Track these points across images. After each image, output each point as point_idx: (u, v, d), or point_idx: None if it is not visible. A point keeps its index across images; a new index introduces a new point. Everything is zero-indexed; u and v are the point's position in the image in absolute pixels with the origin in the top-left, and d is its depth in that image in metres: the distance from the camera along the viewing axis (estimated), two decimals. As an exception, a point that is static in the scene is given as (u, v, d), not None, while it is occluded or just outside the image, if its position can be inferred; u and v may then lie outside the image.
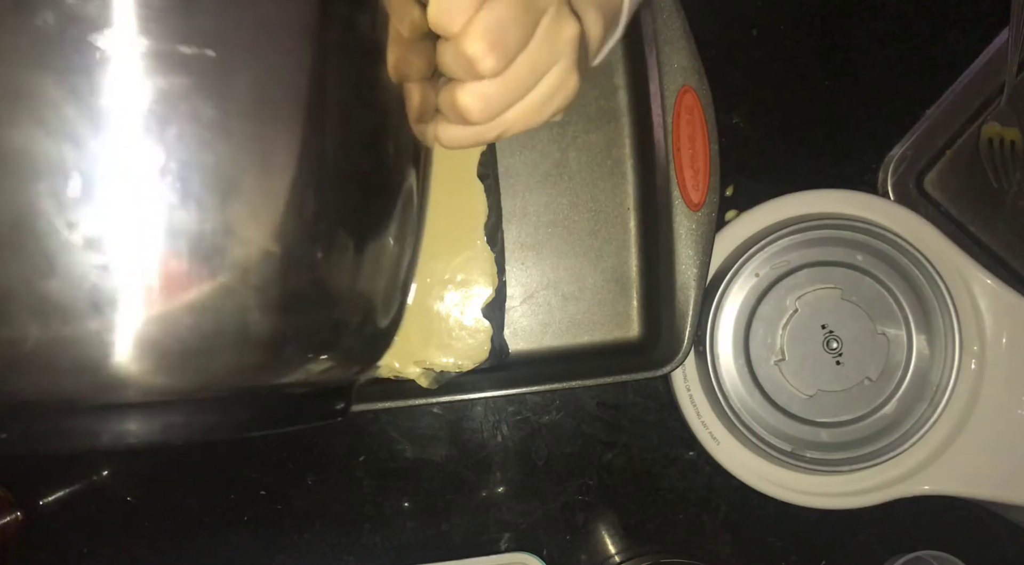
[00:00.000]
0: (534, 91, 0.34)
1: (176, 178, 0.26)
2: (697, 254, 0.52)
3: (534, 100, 0.35)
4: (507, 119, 0.35)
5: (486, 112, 0.34)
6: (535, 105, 0.35)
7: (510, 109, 0.35)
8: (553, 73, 0.34)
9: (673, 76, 0.52)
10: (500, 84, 0.33)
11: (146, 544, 0.60)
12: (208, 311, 0.27)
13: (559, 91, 0.35)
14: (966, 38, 0.60)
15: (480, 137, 0.36)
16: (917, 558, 0.58)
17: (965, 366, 0.55)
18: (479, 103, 0.33)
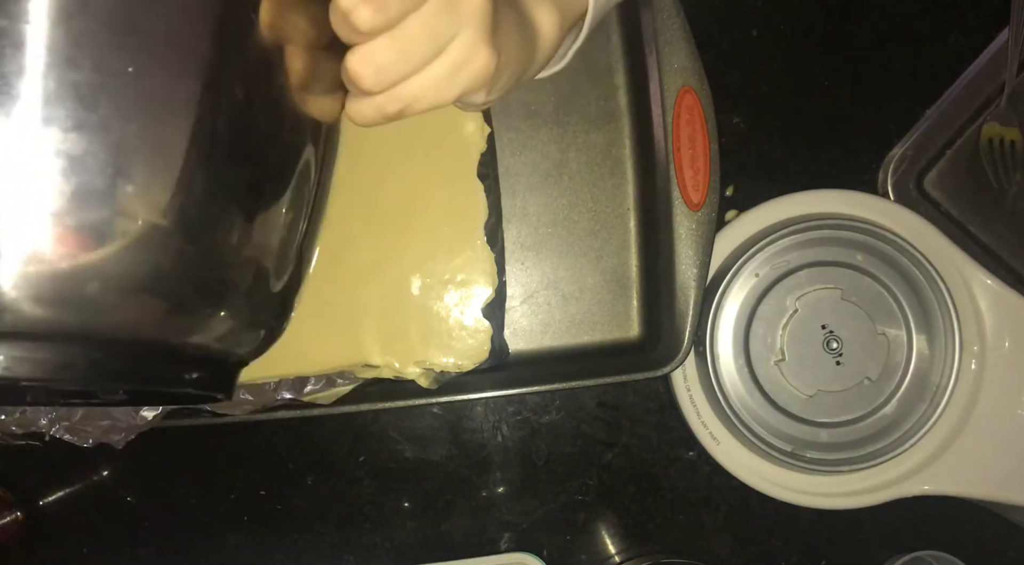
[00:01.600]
0: (436, 62, 0.33)
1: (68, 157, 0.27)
2: (697, 254, 0.52)
3: (436, 72, 0.33)
4: (408, 91, 0.33)
5: (378, 78, 0.32)
6: (437, 78, 0.33)
7: (410, 80, 0.33)
8: (457, 44, 0.33)
9: (673, 76, 0.52)
10: (390, 47, 0.31)
11: (146, 544, 0.60)
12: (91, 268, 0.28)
13: (466, 65, 0.33)
14: (966, 38, 0.60)
15: (381, 110, 0.34)
16: (917, 558, 0.58)
17: (965, 366, 0.55)
18: (368, 67, 0.32)
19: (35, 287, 0.27)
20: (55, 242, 0.27)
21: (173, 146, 0.29)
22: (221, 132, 0.31)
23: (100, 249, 0.28)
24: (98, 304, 0.29)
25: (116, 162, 0.28)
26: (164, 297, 0.30)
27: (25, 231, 0.27)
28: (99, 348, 0.29)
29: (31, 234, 0.27)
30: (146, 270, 0.29)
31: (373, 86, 0.32)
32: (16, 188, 0.27)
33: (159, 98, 0.29)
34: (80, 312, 0.28)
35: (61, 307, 0.28)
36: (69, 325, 0.29)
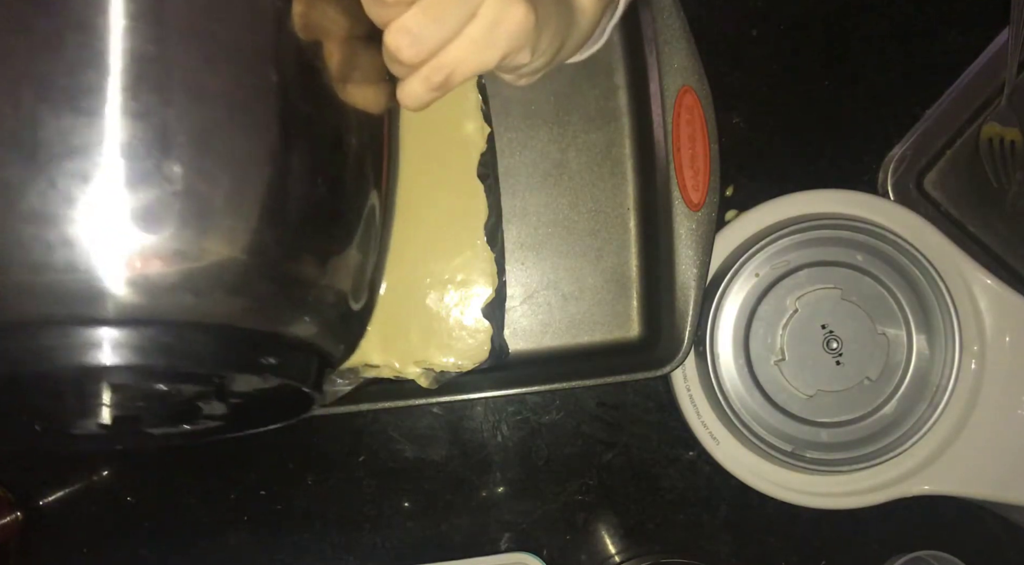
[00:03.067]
0: (472, 24, 0.33)
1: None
2: (697, 254, 0.52)
3: (473, 33, 0.33)
4: (450, 57, 0.33)
5: (416, 47, 0.32)
6: (476, 39, 0.33)
7: (449, 46, 0.33)
8: (489, 2, 0.33)
9: (673, 76, 0.52)
10: (422, 14, 0.32)
11: (146, 544, 0.60)
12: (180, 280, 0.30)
13: (501, 23, 0.33)
14: (966, 38, 0.60)
15: (428, 82, 0.34)
16: (917, 558, 0.58)
17: (965, 366, 0.55)
18: (405, 38, 0.32)
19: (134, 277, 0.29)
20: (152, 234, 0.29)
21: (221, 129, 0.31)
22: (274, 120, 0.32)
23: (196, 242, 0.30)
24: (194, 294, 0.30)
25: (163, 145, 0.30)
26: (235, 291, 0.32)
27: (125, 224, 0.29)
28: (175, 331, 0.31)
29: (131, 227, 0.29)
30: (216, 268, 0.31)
31: (413, 56, 0.33)
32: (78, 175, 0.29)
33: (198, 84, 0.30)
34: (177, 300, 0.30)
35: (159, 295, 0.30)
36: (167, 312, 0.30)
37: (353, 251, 0.36)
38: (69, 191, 0.28)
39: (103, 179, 0.29)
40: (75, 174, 0.29)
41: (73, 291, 0.29)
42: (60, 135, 0.28)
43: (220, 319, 0.31)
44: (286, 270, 0.33)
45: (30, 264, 0.28)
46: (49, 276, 0.28)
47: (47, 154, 0.28)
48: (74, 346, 0.29)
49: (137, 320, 0.30)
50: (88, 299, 0.29)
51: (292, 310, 0.34)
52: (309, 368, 0.36)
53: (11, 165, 0.28)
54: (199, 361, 0.32)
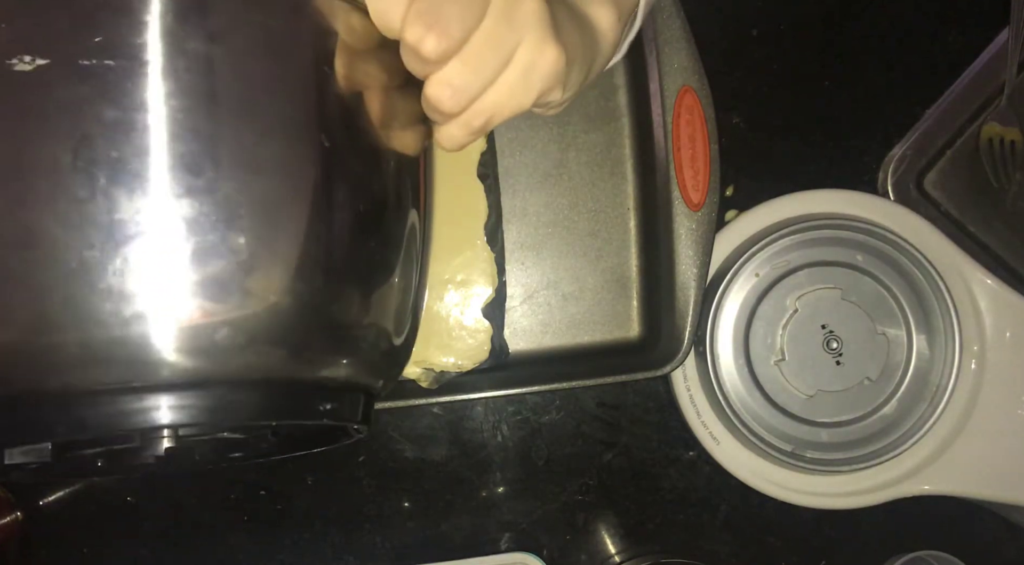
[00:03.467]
0: (507, 71, 0.34)
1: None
2: (697, 254, 0.52)
3: (510, 80, 0.34)
4: (488, 103, 0.35)
5: (457, 98, 0.34)
6: (512, 85, 0.35)
7: (487, 93, 0.34)
8: (523, 49, 0.34)
9: (673, 76, 0.52)
10: (461, 66, 0.33)
11: (146, 544, 0.60)
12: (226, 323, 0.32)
13: (535, 67, 0.34)
14: (966, 38, 0.60)
15: (468, 127, 0.35)
16: (917, 558, 0.58)
17: (965, 366, 0.55)
18: (446, 90, 0.33)
19: (173, 341, 0.31)
20: (185, 298, 0.31)
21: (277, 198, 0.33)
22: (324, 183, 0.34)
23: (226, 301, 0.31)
24: (232, 352, 0.32)
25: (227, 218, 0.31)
26: (291, 348, 0.33)
27: (158, 289, 0.31)
28: (238, 389, 0.33)
29: (165, 291, 0.31)
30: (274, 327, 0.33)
31: (454, 107, 0.34)
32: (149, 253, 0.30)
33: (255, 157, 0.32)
34: (219, 360, 0.32)
35: (201, 357, 0.31)
36: (209, 373, 0.32)
37: (396, 288, 0.38)
38: (143, 269, 0.30)
39: (174, 255, 0.30)
40: (148, 252, 0.30)
41: (145, 359, 0.31)
42: (133, 216, 0.30)
43: (275, 373, 0.33)
44: (338, 322, 0.35)
45: (106, 337, 0.30)
46: (124, 347, 0.30)
47: (123, 235, 0.30)
48: (147, 410, 0.31)
49: (205, 381, 0.32)
50: (159, 365, 0.31)
51: (341, 356, 0.36)
52: (357, 406, 0.38)
53: (91, 247, 0.30)
54: (256, 415, 0.33)
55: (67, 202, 0.30)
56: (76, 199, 0.30)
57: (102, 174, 0.30)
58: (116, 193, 0.30)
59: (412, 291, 0.40)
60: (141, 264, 0.30)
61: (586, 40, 0.38)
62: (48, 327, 0.30)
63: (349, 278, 0.35)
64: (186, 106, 0.31)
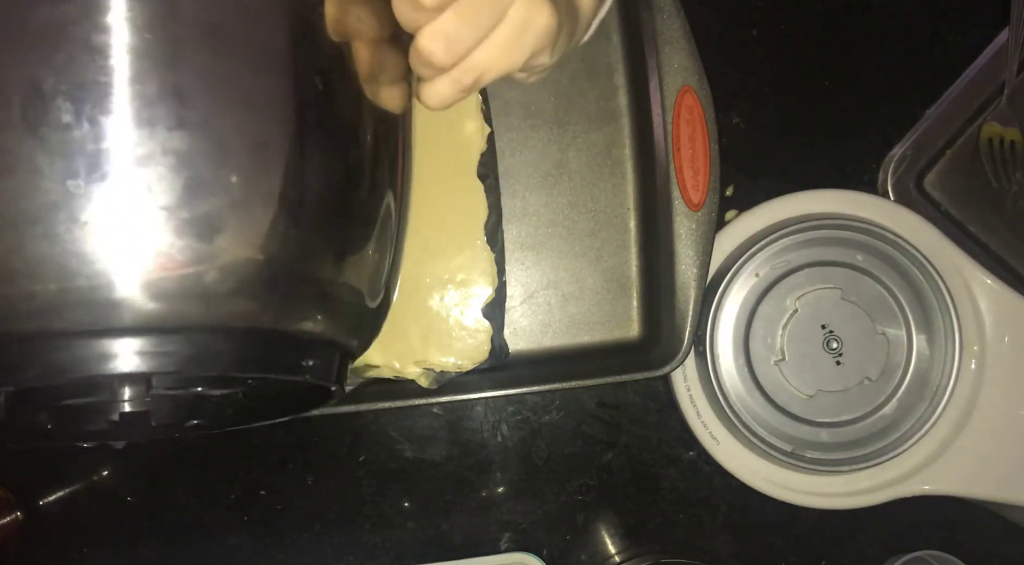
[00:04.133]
0: (501, 27, 0.34)
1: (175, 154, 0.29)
2: (697, 254, 0.52)
3: (503, 36, 0.34)
4: (479, 60, 0.35)
5: (450, 51, 0.33)
6: (504, 41, 0.34)
7: (479, 49, 0.34)
8: (518, 6, 0.34)
9: (673, 76, 0.52)
10: (456, 18, 0.33)
11: (146, 544, 0.60)
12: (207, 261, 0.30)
13: (528, 25, 0.34)
14: (966, 38, 0.60)
15: (458, 84, 0.35)
16: (917, 558, 0.58)
17: (965, 366, 0.55)
18: (440, 42, 0.33)
19: (155, 283, 0.29)
20: (171, 236, 0.29)
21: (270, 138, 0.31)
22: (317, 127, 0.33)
23: (214, 243, 0.30)
24: (214, 297, 0.30)
25: (220, 155, 0.30)
26: (276, 296, 0.32)
27: (141, 227, 0.29)
28: (218, 337, 0.31)
29: (147, 230, 0.29)
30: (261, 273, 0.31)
31: (446, 59, 0.34)
32: (129, 185, 0.29)
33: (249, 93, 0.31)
34: (198, 305, 0.30)
35: (181, 301, 0.30)
36: (189, 318, 0.30)
37: (371, 249, 0.37)
38: (130, 202, 0.29)
39: (164, 189, 0.29)
40: (136, 185, 0.29)
41: (118, 300, 0.29)
42: (122, 145, 0.29)
43: (257, 323, 0.32)
44: (321, 272, 0.34)
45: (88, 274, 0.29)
46: (110, 286, 0.29)
47: (109, 165, 0.29)
48: (118, 355, 0.30)
49: (183, 327, 0.30)
50: (134, 308, 0.29)
51: (320, 309, 0.35)
52: (333, 365, 0.37)
53: (76, 176, 0.28)
54: (237, 365, 0.32)
55: (50, 128, 0.28)
56: (60, 125, 0.28)
57: (88, 99, 0.28)
58: (103, 120, 0.28)
59: (387, 258, 0.39)
60: (128, 198, 0.29)
61: (571, 9, 0.38)
62: (27, 262, 0.29)
63: (334, 227, 0.34)
64: (179, 33, 0.29)
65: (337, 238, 0.35)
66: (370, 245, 0.37)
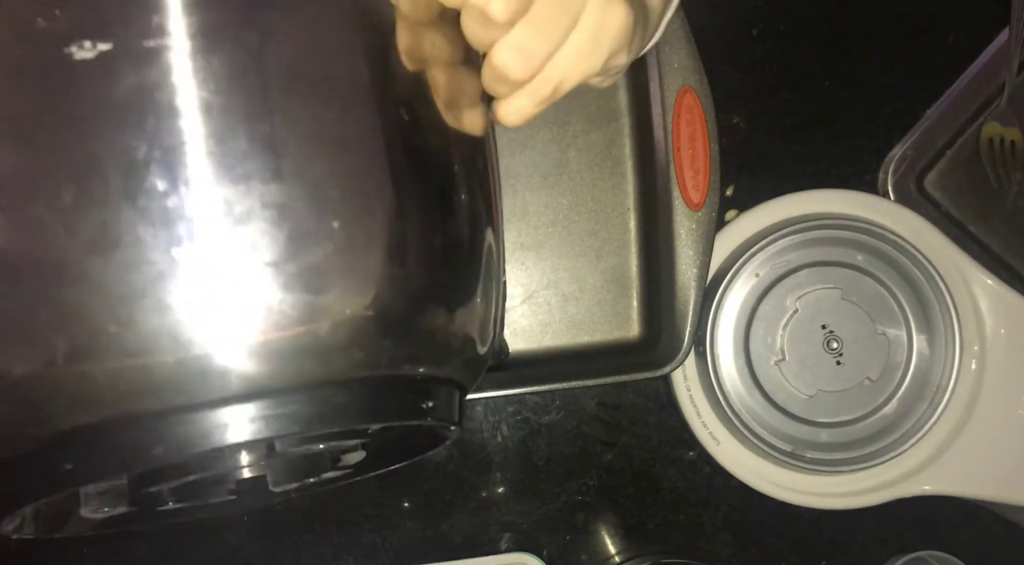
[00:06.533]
0: (576, 32, 0.33)
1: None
2: (697, 254, 0.52)
3: (579, 41, 0.33)
4: (556, 69, 0.33)
5: (527, 63, 0.32)
6: (581, 46, 0.33)
7: (556, 58, 0.33)
8: (590, 9, 0.33)
9: (673, 76, 0.52)
10: (529, 29, 0.32)
11: (146, 544, 0.60)
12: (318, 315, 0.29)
13: (604, 27, 0.33)
14: (966, 38, 0.60)
15: (536, 96, 0.34)
16: (917, 558, 0.58)
17: (965, 366, 0.55)
18: (516, 56, 0.32)
19: (271, 343, 0.28)
20: (280, 293, 0.28)
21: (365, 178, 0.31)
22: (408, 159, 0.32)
23: (324, 294, 0.29)
24: (330, 351, 0.29)
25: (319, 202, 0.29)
26: (393, 340, 0.31)
27: (250, 287, 0.28)
28: (342, 390, 0.30)
29: (256, 289, 0.28)
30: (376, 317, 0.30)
31: (523, 73, 0.33)
32: (232, 245, 0.28)
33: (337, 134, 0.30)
34: (315, 361, 0.29)
35: (298, 358, 0.29)
36: (307, 375, 0.29)
37: (480, 284, 0.36)
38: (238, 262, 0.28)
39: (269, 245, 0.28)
40: (241, 243, 0.28)
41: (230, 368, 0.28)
42: (221, 204, 0.28)
43: (382, 371, 0.31)
44: (430, 311, 0.33)
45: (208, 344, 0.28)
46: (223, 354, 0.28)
47: (211, 226, 0.28)
48: (237, 423, 0.29)
49: (311, 383, 0.29)
50: (245, 373, 0.28)
51: (440, 351, 0.34)
52: (454, 404, 0.36)
53: (180, 243, 0.28)
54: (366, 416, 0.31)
55: (147, 197, 0.27)
56: (156, 192, 0.27)
57: (180, 163, 0.27)
58: (197, 182, 0.27)
59: (494, 297, 0.38)
60: (233, 259, 0.28)
61: (643, 6, 0.37)
62: (141, 338, 0.27)
63: (439, 262, 0.33)
64: (260, 83, 0.28)
65: (445, 275, 0.34)
66: (479, 278, 0.36)
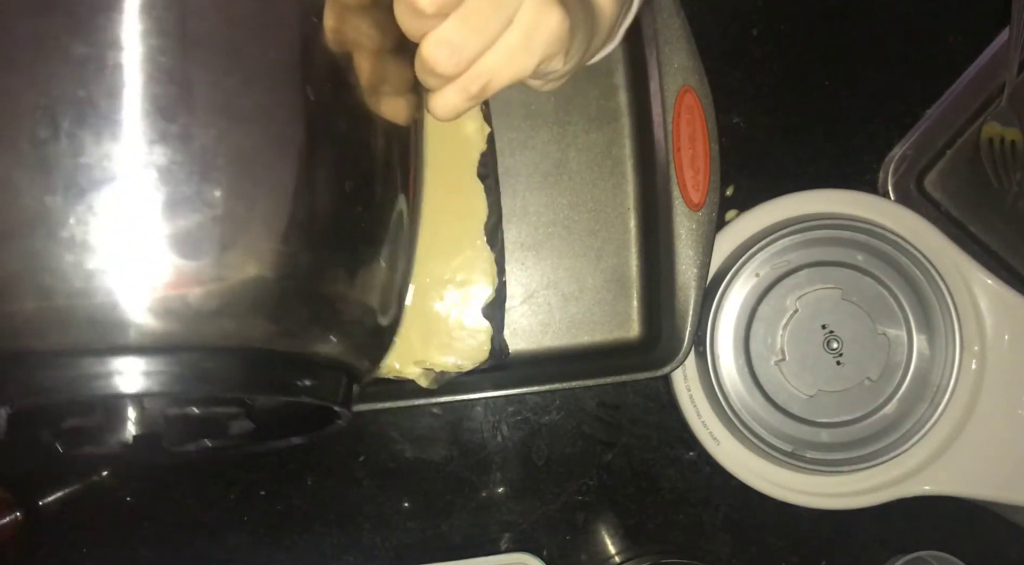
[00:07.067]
0: (509, 31, 0.33)
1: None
2: (697, 254, 0.52)
3: (512, 41, 0.33)
4: (486, 66, 0.33)
5: (455, 58, 0.32)
6: (512, 47, 0.33)
7: (487, 55, 0.33)
8: (525, 9, 0.32)
9: (673, 76, 0.52)
10: (460, 24, 0.32)
11: (146, 544, 0.60)
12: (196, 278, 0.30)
13: (537, 30, 0.33)
14: (966, 38, 0.60)
15: (465, 92, 0.34)
16: (917, 558, 0.58)
17: (965, 366, 0.55)
18: (444, 49, 0.32)
19: (142, 302, 0.29)
20: (155, 253, 0.29)
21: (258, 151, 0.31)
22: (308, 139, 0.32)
23: (201, 259, 0.29)
24: (203, 317, 0.30)
25: (202, 169, 0.29)
26: (269, 315, 0.31)
27: (124, 243, 0.28)
28: (212, 357, 0.30)
29: (131, 246, 0.28)
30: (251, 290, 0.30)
31: (451, 68, 0.32)
32: (116, 202, 0.28)
33: (236, 106, 0.30)
34: (189, 325, 0.29)
35: (171, 320, 0.29)
36: (183, 337, 0.30)
37: (382, 265, 0.36)
38: (109, 218, 0.28)
39: (143, 205, 0.28)
40: (115, 201, 0.28)
41: (110, 319, 0.28)
42: (100, 161, 0.28)
43: (252, 342, 0.31)
44: (318, 289, 0.33)
45: (68, 292, 0.28)
46: (87, 304, 0.28)
47: (88, 180, 0.28)
48: (112, 374, 0.29)
49: (175, 346, 0.30)
50: (125, 327, 0.29)
51: (323, 329, 0.34)
52: (338, 386, 0.36)
53: (53, 192, 0.28)
54: (232, 386, 0.31)
55: (27, 142, 0.28)
56: (37, 139, 0.28)
57: (67, 113, 0.28)
58: (82, 135, 0.28)
59: (399, 271, 0.38)
60: (107, 214, 0.28)
61: (587, 11, 0.36)
62: (5, 281, 0.28)
63: (332, 245, 0.33)
64: (163, 46, 0.29)
65: (351, 255, 0.34)
66: (382, 260, 0.36)
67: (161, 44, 0.29)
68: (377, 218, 0.36)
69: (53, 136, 0.28)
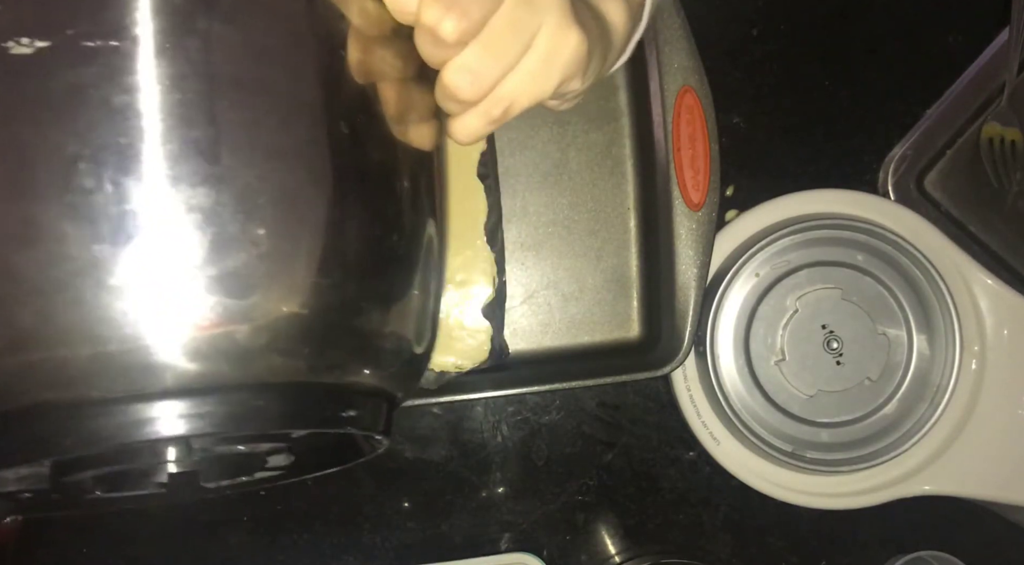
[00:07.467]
0: (528, 55, 0.33)
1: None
2: (697, 254, 0.52)
3: (531, 65, 0.33)
4: (507, 91, 0.33)
5: (476, 85, 0.33)
6: (534, 70, 0.33)
7: (507, 79, 0.33)
8: (544, 33, 0.33)
9: (673, 76, 0.52)
10: (481, 51, 0.32)
11: (146, 544, 0.60)
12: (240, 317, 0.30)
13: (557, 53, 0.33)
14: (966, 38, 0.60)
15: (487, 116, 0.34)
16: (917, 558, 0.58)
17: (965, 366, 0.55)
18: (465, 76, 0.32)
19: (187, 344, 0.29)
20: (200, 295, 0.29)
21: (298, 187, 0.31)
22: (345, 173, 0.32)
23: (244, 299, 0.29)
24: (247, 355, 0.30)
25: (246, 208, 0.29)
26: (314, 349, 0.31)
27: (169, 288, 0.28)
28: (261, 394, 0.31)
29: (176, 290, 0.28)
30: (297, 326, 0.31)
31: (472, 94, 0.33)
32: (154, 246, 0.28)
33: (274, 144, 0.30)
34: (232, 364, 0.30)
35: (214, 360, 0.29)
36: (223, 377, 0.30)
37: (418, 296, 0.36)
38: (156, 263, 0.28)
39: (190, 248, 0.28)
40: (162, 245, 0.28)
41: (162, 363, 0.28)
42: (145, 206, 0.28)
43: (299, 376, 0.31)
44: (360, 319, 0.33)
45: (120, 339, 0.28)
46: (138, 349, 0.28)
47: (134, 227, 0.28)
48: (165, 418, 0.29)
49: (225, 386, 0.30)
50: (176, 369, 0.29)
51: (364, 359, 0.34)
52: (380, 414, 0.36)
53: (101, 241, 0.28)
54: (282, 421, 0.31)
55: (73, 193, 0.28)
56: (82, 189, 0.28)
57: (110, 162, 0.28)
58: (125, 182, 0.28)
59: (432, 296, 0.38)
60: (154, 259, 0.28)
61: (602, 30, 0.37)
62: (57, 331, 0.28)
63: (371, 275, 0.33)
64: (199, 89, 0.29)
65: (377, 286, 0.34)
66: (414, 291, 0.36)
67: (197, 87, 0.29)
68: (411, 244, 0.36)
69: (97, 185, 0.28)
